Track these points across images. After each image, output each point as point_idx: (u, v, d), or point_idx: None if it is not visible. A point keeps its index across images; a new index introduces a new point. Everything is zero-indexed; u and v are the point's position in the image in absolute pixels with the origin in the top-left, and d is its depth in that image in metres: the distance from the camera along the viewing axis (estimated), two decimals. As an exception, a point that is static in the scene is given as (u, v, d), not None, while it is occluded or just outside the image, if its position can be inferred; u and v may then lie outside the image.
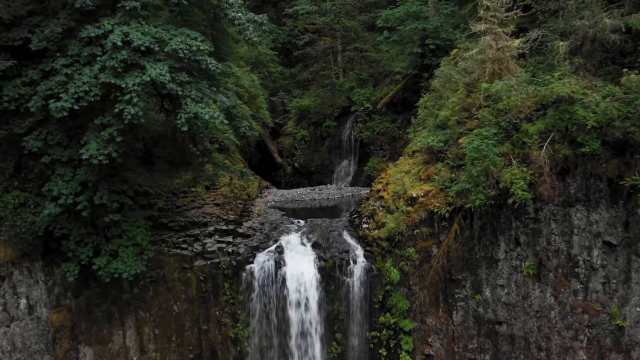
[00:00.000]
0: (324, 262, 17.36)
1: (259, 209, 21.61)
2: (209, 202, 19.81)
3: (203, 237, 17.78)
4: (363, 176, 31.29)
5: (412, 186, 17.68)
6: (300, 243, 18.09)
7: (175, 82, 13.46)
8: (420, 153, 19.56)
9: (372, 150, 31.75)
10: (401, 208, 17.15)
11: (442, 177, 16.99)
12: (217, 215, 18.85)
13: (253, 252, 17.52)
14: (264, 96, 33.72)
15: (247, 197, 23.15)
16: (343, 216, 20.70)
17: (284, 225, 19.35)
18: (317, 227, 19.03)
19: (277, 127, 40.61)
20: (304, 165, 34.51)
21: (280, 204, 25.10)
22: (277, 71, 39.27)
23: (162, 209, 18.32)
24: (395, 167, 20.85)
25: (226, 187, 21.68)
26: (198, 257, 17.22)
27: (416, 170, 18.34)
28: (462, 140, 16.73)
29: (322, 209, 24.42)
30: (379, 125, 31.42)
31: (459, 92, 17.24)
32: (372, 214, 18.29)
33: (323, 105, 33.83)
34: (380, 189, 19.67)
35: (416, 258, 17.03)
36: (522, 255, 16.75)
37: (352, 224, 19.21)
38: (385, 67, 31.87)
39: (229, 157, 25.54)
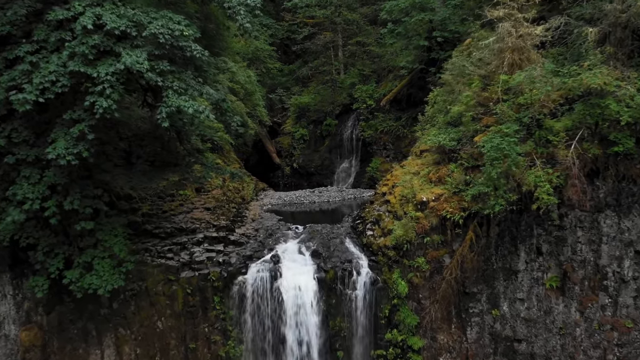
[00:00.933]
0: (324, 273, 15.70)
1: (254, 214, 19.95)
2: (198, 206, 18.15)
3: (191, 245, 16.12)
4: (365, 177, 29.64)
5: (421, 189, 16.02)
6: (298, 252, 16.43)
7: (155, 71, 11.80)
8: (429, 153, 17.92)
9: (375, 150, 30.10)
10: (410, 213, 15.50)
11: (455, 179, 15.34)
12: (207, 221, 17.19)
13: (246, 262, 15.86)
14: (261, 93, 32.07)
15: (242, 200, 21.49)
16: (345, 221, 19.03)
17: (280, 232, 17.68)
18: (316, 233, 17.37)
19: (275, 126, 39.01)
20: (303, 165, 32.86)
21: (278, 207, 23.44)
22: (275, 67, 37.61)
23: (147, 214, 16.66)
24: (402, 168, 19.23)
25: (218, 190, 20.04)
26: (185, 268, 15.55)
27: (426, 171, 16.69)
28: (477, 138, 15.08)
29: (322, 213, 22.76)
30: (382, 123, 29.79)
31: (474, 85, 15.58)
32: (378, 219, 16.63)
33: (323, 102, 32.19)
34: (386, 192, 18.01)
35: (426, 269, 15.38)
36: (545, 266, 15.11)
37: (355, 231, 17.55)
38: (388, 62, 30.23)
39: (222, 157, 23.89)
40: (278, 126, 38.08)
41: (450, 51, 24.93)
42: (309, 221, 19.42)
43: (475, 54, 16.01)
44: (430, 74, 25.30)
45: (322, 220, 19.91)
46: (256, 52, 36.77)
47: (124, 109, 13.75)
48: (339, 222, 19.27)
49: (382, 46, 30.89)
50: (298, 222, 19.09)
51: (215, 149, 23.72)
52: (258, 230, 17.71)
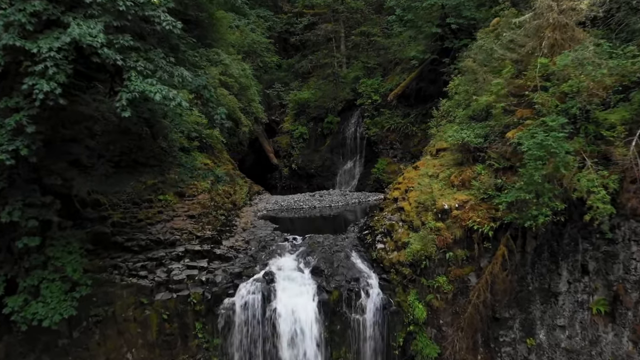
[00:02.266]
0: (326, 295, 13.20)
1: (246, 222, 17.44)
2: (180, 214, 15.65)
3: (169, 260, 13.62)
4: (370, 179, 27.13)
5: (442, 195, 13.54)
6: (296, 268, 13.93)
7: (114, 47, 9.31)
8: (448, 152, 15.49)
9: (380, 149, 27.59)
10: (429, 224, 13.00)
11: (483, 183, 12.85)
12: (190, 232, 14.69)
13: (234, 281, 13.35)
14: (257, 88, 29.57)
15: (232, 206, 19.00)
16: (350, 231, 16.52)
17: (275, 244, 15.17)
18: (317, 246, 14.86)
19: (273, 124, 36.57)
20: (302, 166, 30.34)
21: (274, 212, 20.94)
22: (272, 61, 35.12)
23: (118, 224, 14.17)
24: (416, 169, 16.76)
25: (205, 194, 17.53)
26: (161, 289, 13.04)
27: (446, 173, 14.20)
28: (510, 134, 12.58)
29: (324, 220, 20.26)
30: (388, 120, 27.28)
31: (506, 72, 13.09)
32: (390, 230, 14.12)
33: (324, 98, 29.69)
34: (398, 197, 15.52)
35: (449, 290, 12.89)
36: (591, 287, 12.59)
37: (362, 243, 15.04)
38: (395, 54, 27.73)
39: (212, 158, 21.39)
40: (276, 124, 35.63)
41: (465, 40, 22.48)
42: (308, 230, 16.92)
43: (506, 34, 13.52)
44: (443, 65, 22.84)
45: (324, 229, 17.42)
46: (252, 45, 34.30)
47: (82, 99, 11.29)
48: (343, 231, 16.77)
49: (389, 36, 28.42)
50: (296, 232, 16.59)
51: (205, 148, 21.24)
52: (249, 242, 15.20)
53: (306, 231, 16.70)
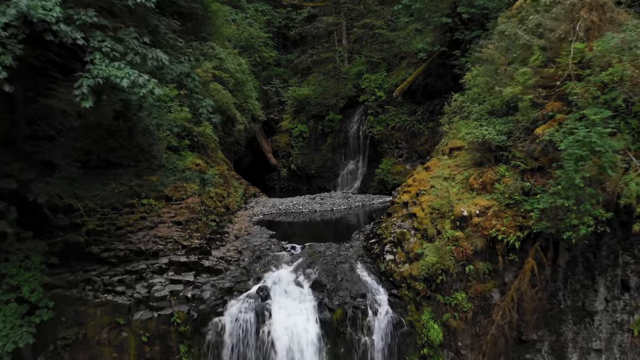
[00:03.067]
0: (329, 313, 11.59)
1: (239, 228, 15.84)
2: (166, 220, 14.06)
3: (150, 274, 12.03)
4: (374, 181, 25.53)
5: (459, 199, 11.94)
6: (294, 282, 12.32)
7: (75, 24, 7.71)
8: (464, 151, 13.95)
9: (385, 149, 25.99)
10: (446, 233, 11.40)
11: (507, 186, 11.26)
12: (175, 240, 13.08)
13: (224, 298, 11.76)
14: (254, 85, 27.99)
15: (225, 210, 17.39)
16: (355, 239, 14.92)
17: (271, 254, 13.57)
18: (318, 256, 13.26)
19: (272, 123, 34.99)
20: (302, 167, 28.74)
21: (271, 217, 19.35)
22: (271, 57, 33.54)
23: (94, 232, 12.57)
24: (427, 170, 15.18)
25: (195, 198, 15.93)
26: (140, 307, 11.44)
27: (464, 175, 12.61)
28: (540, 130, 10.99)
29: (325, 225, 18.66)
30: (394, 118, 25.69)
31: (534, 59, 11.46)
32: (400, 239, 12.51)
33: (325, 94, 28.10)
34: (409, 201, 13.93)
35: (468, 308, 11.30)
36: (632, 305, 11.03)
37: (369, 253, 13.43)
38: (401, 47, 26.13)
39: (204, 157, 19.79)
40: (275, 123, 34.04)
41: (477, 31, 20.93)
42: (308, 237, 15.32)
43: (532, 18, 11.90)
44: (453, 58, 21.27)
45: (326, 236, 15.83)
46: (250, 40, 32.73)
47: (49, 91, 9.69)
48: (347, 238, 15.16)
49: (394, 29, 26.81)
50: (295, 239, 15.00)
51: (197, 148, 19.67)
52: (242, 252, 13.58)
53: (306, 238, 15.11)
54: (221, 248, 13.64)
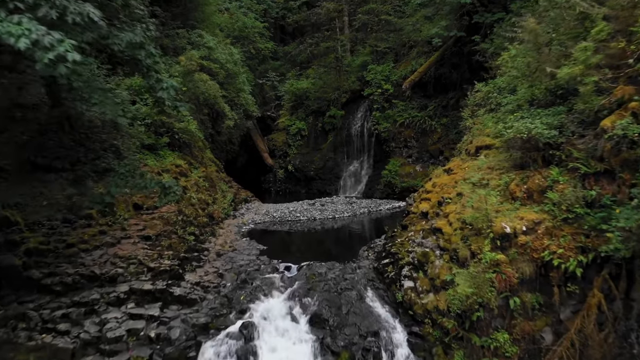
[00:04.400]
0: (332, 357, 9.01)
1: (224, 242, 13.25)
2: (132, 235, 11.48)
3: (104, 306, 9.46)
4: (381, 183, 22.94)
5: (498, 211, 9.35)
6: (287, 315, 9.75)
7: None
8: (495, 150, 11.44)
9: (392, 148, 23.40)
10: (483, 255, 8.82)
11: (563, 195, 8.67)
12: (140, 261, 10.50)
13: (197, 338, 9.17)
14: (246, 76, 25.41)
15: (209, 220, 14.81)
16: (363, 257, 12.30)
17: (260, 277, 10.97)
18: (319, 280, 10.68)
19: (269, 120, 32.48)
20: (300, 168, 26.15)
21: (264, 225, 16.79)
22: (267, 48, 30.96)
23: (35, 252, 10.00)
24: (449, 173, 12.64)
25: (172, 206, 13.38)
26: (88, 351, 8.86)
27: (503, 180, 10.01)
28: (607, 121, 8.41)
29: (327, 236, 16.08)
30: (402, 113, 23.11)
31: (596, 32, 8.87)
32: (422, 261, 9.91)
33: (326, 88, 25.52)
34: (429, 211, 11.36)
35: (512, 353, 8.71)
36: None
37: (381, 277, 10.82)
38: (411, 35, 23.51)
39: (187, 157, 17.23)
40: (272, 120, 31.52)
41: (499, 13, 18.38)
42: (306, 253, 12.77)
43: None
44: (472, 45, 18.72)
45: (327, 251, 13.27)
46: (244, 30, 30.17)
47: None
48: (353, 256, 12.57)
49: (402, 15, 24.22)
50: (290, 257, 12.43)
51: (178, 146, 17.10)
52: (224, 275, 10.98)
53: (303, 255, 12.56)
54: (198, 270, 11.03)
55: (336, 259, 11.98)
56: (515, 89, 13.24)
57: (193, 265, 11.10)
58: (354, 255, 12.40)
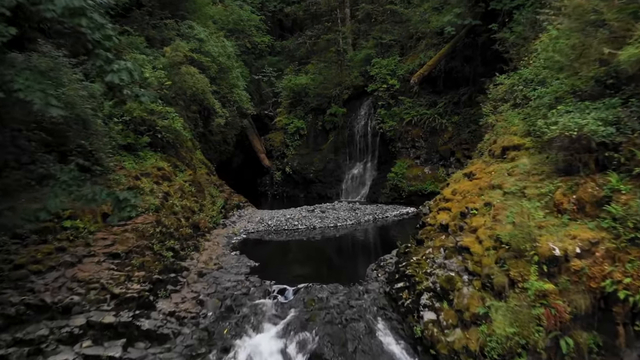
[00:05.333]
0: (336, 410, 7.21)
1: (208, 258, 11.43)
2: (97, 252, 9.65)
3: (54, 345, 7.65)
4: (387, 187, 21.13)
5: (541, 227, 7.52)
6: (279, 356, 7.93)
7: None
8: (526, 151, 9.67)
9: (399, 148, 21.61)
10: (528, 284, 7.00)
11: (627, 208, 6.86)
12: (103, 285, 8.69)
13: (167, 386, 7.37)
14: (241, 70, 23.61)
15: (194, 230, 13.00)
16: (372, 278, 10.45)
17: (249, 303, 9.16)
18: (319, 307, 8.87)
19: (266, 119, 30.69)
20: (298, 170, 24.34)
21: (258, 235, 15.01)
22: (263, 42, 29.14)
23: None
24: (470, 178, 10.86)
25: (150, 215, 11.59)
26: (29, 404, 7.07)
27: (545, 189, 8.17)
28: (687, 115, 6.60)
29: (327, 247, 14.25)
30: (409, 111, 21.32)
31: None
32: (446, 288, 8.09)
33: (326, 83, 23.73)
34: (449, 224, 9.58)
35: (563, 407, 6.89)
36: None
37: (394, 304, 9.00)
38: (418, 26, 21.71)
39: (172, 159, 15.45)
40: (270, 119, 29.73)
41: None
42: (304, 272, 10.96)
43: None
44: (489, 33, 16.92)
45: (329, 269, 11.45)
46: (239, 22, 28.35)
47: None
48: (359, 274, 10.75)
49: (409, 4, 22.42)
50: (285, 276, 10.60)
51: (162, 146, 15.30)
52: (205, 302, 9.15)
53: (301, 274, 10.75)
54: (173, 296, 9.21)
55: (339, 280, 10.16)
56: (545, 80, 11.53)
57: (168, 289, 9.27)
58: (361, 275, 10.57)
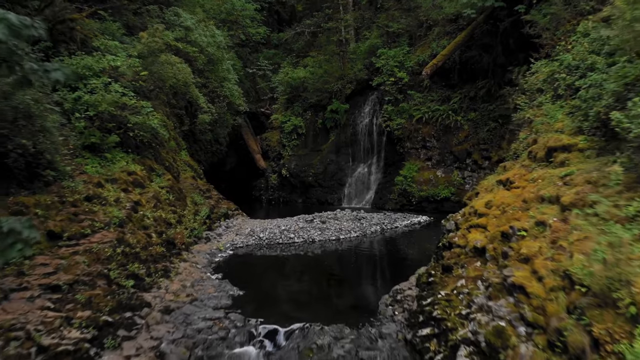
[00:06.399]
0: None
1: (180, 287, 9.20)
2: (32, 283, 7.47)
3: None
4: (394, 192, 18.95)
5: (631, 259, 5.30)
6: None
7: None
8: (579, 154, 7.68)
9: (408, 149, 19.43)
10: (629, 350, 4.78)
11: None
12: (29, 334, 6.48)
13: None
14: (233, 63, 21.44)
15: (167, 248, 10.78)
16: (386, 316, 8.18)
17: (225, 353, 6.96)
18: (318, 357, 6.66)
19: (262, 117, 28.55)
20: (296, 173, 22.14)
21: (248, 250, 12.84)
22: (258, 33, 26.96)
23: None
24: (507, 187, 8.79)
25: (110, 232, 9.43)
26: None
27: (633, 208, 5.96)
28: None
29: (329, 268, 12.02)
30: (419, 107, 19.14)
31: None
32: (494, 344, 5.88)
33: (327, 77, 21.56)
34: (486, 246, 7.41)
35: None
36: None
37: (418, 357, 6.77)
38: (430, 13, 19.52)
39: (150, 161, 13.28)
40: (267, 118, 27.57)
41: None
42: (300, 304, 8.74)
43: None
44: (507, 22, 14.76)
45: (331, 300, 9.22)
46: (232, 12, 26.16)
47: None
48: (369, 309, 8.54)
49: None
50: (275, 308, 8.39)
51: (135, 147, 13.12)
52: (166, 355, 6.89)
53: (296, 306, 8.55)
54: (126, 346, 6.97)
55: (344, 316, 7.97)
56: (594, 66, 9.49)
57: (119, 336, 7.04)
58: (372, 310, 8.36)
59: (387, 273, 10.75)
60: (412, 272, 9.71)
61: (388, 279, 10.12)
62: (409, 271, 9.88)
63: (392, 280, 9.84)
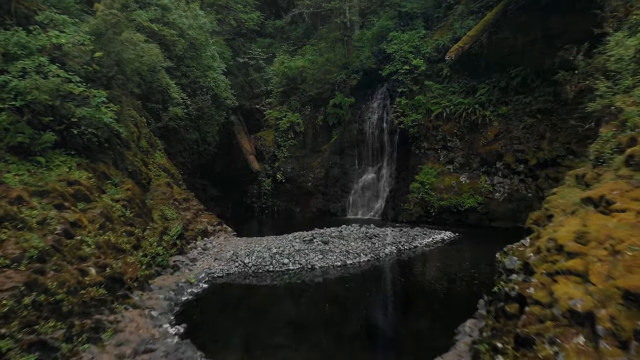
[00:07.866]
0: None
1: (115, 357, 6.24)
2: None
3: None
4: (409, 201, 16.00)
5: None
6: None
7: None
8: None
9: (425, 150, 16.48)
10: None
11: None
12: None
13: None
14: (217, 48, 18.50)
15: (110, 289, 7.80)
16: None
17: None
18: None
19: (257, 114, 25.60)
20: (293, 177, 19.19)
21: (230, 279, 9.95)
22: (251, 19, 24.00)
23: None
24: (607, 212, 5.67)
25: (18, 272, 6.50)
26: None
27: None
28: None
29: (332, 307, 9.06)
30: (439, 100, 16.19)
31: None
32: None
33: (329, 66, 18.63)
34: (592, 310, 4.36)
35: None
36: None
37: None
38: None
39: (102, 166, 10.36)
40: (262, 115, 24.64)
41: None
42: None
43: None
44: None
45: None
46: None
47: None
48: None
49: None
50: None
51: (84, 147, 10.18)
52: None
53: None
54: None
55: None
56: None
57: None
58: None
59: (416, 325, 7.77)
60: (453, 324, 6.83)
61: (419, 337, 7.15)
62: (448, 322, 6.98)
63: (426, 341, 6.89)
